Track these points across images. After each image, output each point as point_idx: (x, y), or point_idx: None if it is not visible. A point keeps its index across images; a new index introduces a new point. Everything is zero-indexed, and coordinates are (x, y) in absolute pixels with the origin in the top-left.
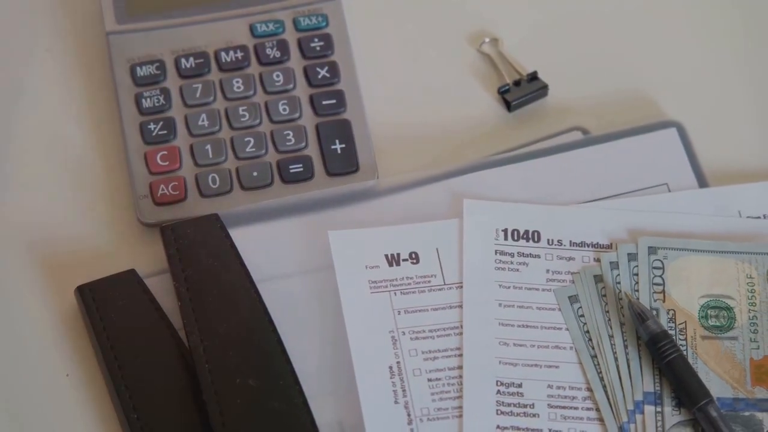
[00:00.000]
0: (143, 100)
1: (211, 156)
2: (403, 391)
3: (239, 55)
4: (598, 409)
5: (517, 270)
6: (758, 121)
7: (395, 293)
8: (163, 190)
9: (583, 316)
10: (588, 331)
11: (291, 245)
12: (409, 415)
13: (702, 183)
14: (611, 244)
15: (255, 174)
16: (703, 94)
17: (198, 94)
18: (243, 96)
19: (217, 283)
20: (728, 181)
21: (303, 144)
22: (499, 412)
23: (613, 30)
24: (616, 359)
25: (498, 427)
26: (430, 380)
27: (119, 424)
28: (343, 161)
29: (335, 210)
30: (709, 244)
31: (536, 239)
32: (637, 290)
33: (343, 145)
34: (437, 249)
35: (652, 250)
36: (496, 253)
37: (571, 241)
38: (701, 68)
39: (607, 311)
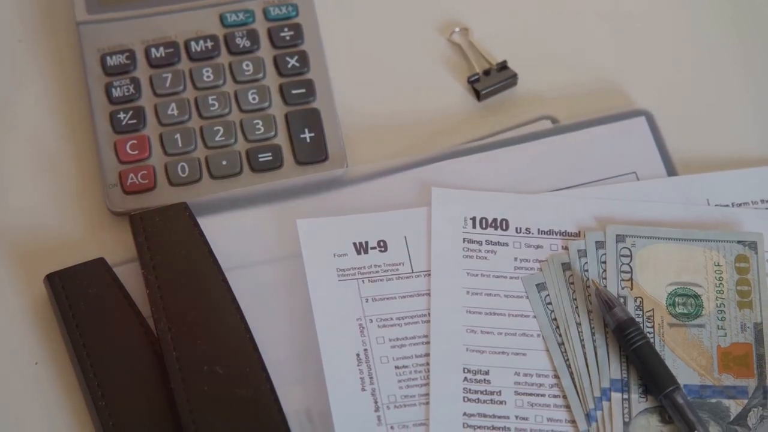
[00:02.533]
0: (113, 90)
1: (180, 145)
2: (370, 378)
3: (209, 44)
4: (565, 396)
5: (485, 258)
6: (726, 110)
7: (363, 281)
8: (132, 179)
9: (550, 303)
10: (555, 319)
11: (260, 233)
12: (376, 402)
13: (671, 171)
14: (579, 232)
15: (224, 163)
16: (672, 83)
17: (168, 84)
18: (213, 85)
19: (185, 272)
20: (697, 169)
21: (272, 133)
22: (465, 399)
23: (583, 19)
24: (583, 346)
25: (465, 414)
26: (397, 367)
27: (88, 411)
28: (313, 150)
29: (304, 199)
30: (677, 232)
31: (504, 227)
32: (605, 278)
33: (313, 134)
34: (405, 237)
35: (620, 238)
36: (464, 241)
37: (539, 229)
38: (670, 57)
39: (575, 299)
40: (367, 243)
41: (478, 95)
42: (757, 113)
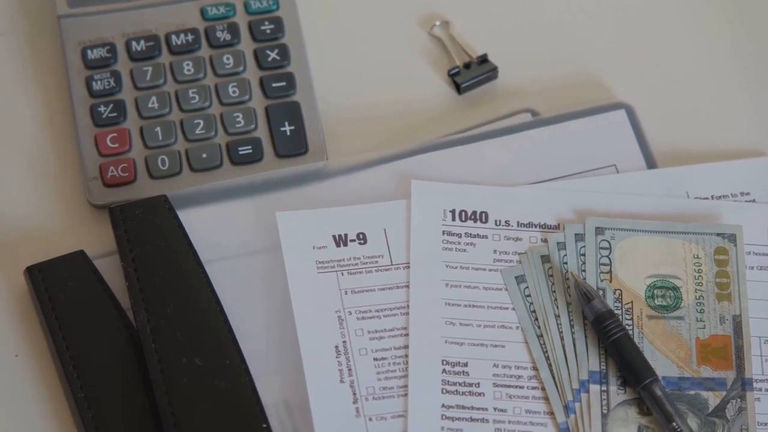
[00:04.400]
0: (94, 83)
1: (160, 138)
2: (349, 370)
3: (190, 38)
4: (543, 388)
5: (465, 250)
6: (706, 104)
7: (342, 273)
8: (112, 171)
9: (529, 296)
10: (534, 311)
11: (240, 226)
12: (354, 393)
13: (650, 164)
14: (559, 224)
15: (204, 156)
16: (653, 76)
17: (148, 77)
18: (193, 78)
19: (164, 264)
20: (676, 162)
21: (252, 126)
22: (444, 391)
23: (563, 12)
24: (562, 339)
25: (443, 405)
26: (375, 359)
27: (67, 403)
28: (293, 143)
29: (284, 191)
30: (657, 224)
31: (484, 220)
32: (584, 270)
33: (293, 127)
34: (385, 230)
35: (599, 231)
36: (443, 233)
37: (518, 222)
38: (651, 50)
39: (554, 291)
40: (346, 235)
41: (459, 88)
42: (736, 106)
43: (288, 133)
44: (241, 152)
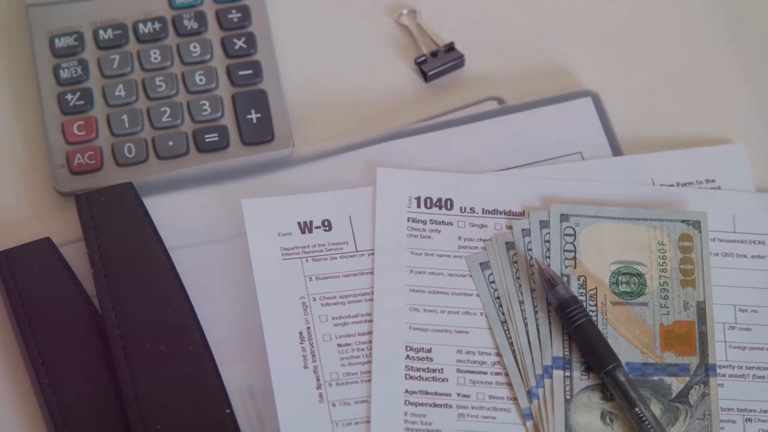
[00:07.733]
0: (61, 71)
1: (127, 126)
2: (313, 356)
3: (157, 26)
4: (506, 374)
5: (429, 237)
6: (671, 91)
7: (307, 260)
8: (79, 159)
9: (494, 282)
10: (498, 297)
11: (205, 213)
12: (318, 379)
13: (616, 152)
14: (524, 211)
15: (171, 143)
16: (618, 64)
17: (115, 65)
18: (160, 67)
19: (130, 251)
20: (642, 149)
21: (219, 114)
22: (408, 376)
23: (529, 1)
24: (525, 325)
25: (406, 391)
26: (339, 345)
27: (32, 389)
28: (259, 131)
29: (250, 179)
30: (622, 211)
31: (449, 207)
32: (549, 257)
33: (259, 115)
34: (350, 216)
35: (564, 217)
36: (408, 220)
37: (483, 209)
38: (616, 38)
39: (518, 278)
40: (311, 222)
41: (426, 76)
42: (701, 94)
43: (254, 121)
44: (207, 140)
